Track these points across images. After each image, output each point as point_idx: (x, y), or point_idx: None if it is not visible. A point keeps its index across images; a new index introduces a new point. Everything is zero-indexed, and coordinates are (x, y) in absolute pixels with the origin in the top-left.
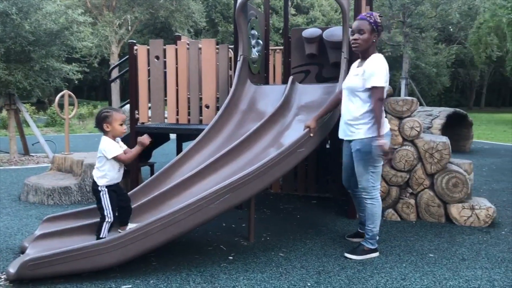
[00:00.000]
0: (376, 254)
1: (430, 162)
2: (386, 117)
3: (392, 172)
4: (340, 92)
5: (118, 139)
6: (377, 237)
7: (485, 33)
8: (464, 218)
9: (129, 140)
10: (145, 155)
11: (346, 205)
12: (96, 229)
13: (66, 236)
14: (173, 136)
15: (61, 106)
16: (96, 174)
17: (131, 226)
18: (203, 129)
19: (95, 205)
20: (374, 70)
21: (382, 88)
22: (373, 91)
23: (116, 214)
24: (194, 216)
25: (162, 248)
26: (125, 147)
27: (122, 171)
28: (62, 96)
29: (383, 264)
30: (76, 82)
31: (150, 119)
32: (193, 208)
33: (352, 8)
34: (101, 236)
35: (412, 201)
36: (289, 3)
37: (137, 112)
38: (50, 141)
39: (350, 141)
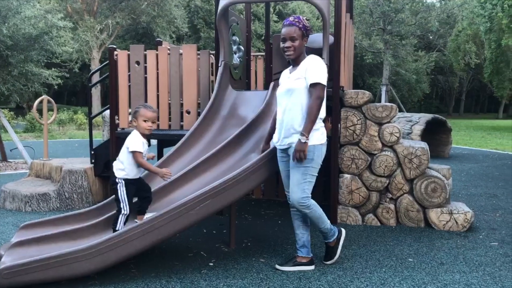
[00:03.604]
0: (343, 235)
1: (409, 168)
2: (327, 123)
3: (372, 178)
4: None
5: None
6: (332, 226)
7: (464, 41)
8: (443, 223)
9: (108, 147)
10: None
11: (327, 210)
12: (112, 221)
13: (43, 243)
14: (154, 141)
15: (40, 111)
16: (116, 165)
17: (148, 215)
18: (184, 135)
19: (73, 212)
20: (315, 68)
21: (323, 86)
22: (314, 88)
23: (135, 202)
24: (174, 223)
25: (142, 255)
26: (147, 150)
27: (140, 169)
28: (41, 102)
29: (363, 269)
30: (56, 87)
31: (130, 125)
32: (173, 214)
33: (333, 15)
34: (117, 228)
35: (392, 206)
36: (271, 10)
37: (117, 117)
38: (28, 147)
39: (287, 148)
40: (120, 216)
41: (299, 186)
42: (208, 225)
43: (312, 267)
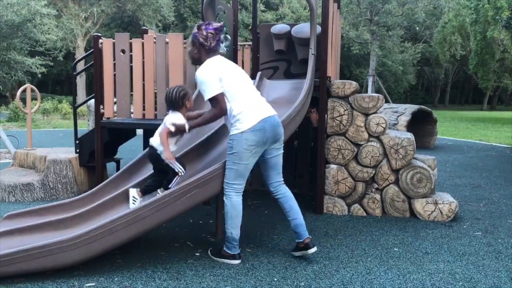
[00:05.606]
0: (234, 262)
1: (395, 158)
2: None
3: (358, 168)
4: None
5: None
6: (235, 243)
7: (450, 32)
8: (428, 213)
9: (93, 136)
10: (110, 151)
11: (314, 201)
12: (164, 184)
13: (27, 233)
14: (139, 131)
15: (23, 100)
16: (156, 139)
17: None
18: None
19: (58, 202)
20: (199, 84)
21: (214, 98)
22: (209, 103)
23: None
24: (160, 213)
25: (128, 245)
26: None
27: (178, 145)
28: (24, 91)
29: (349, 259)
30: (40, 76)
31: (115, 114)
32: (159, 204)
33: (320, 6)
34: (169, 186)
35: (378, 196)
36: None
37: (102, 107)
38: (12, 136)
39: None
40: (176, 177)
41: (225, 171)
42: (195, 215)
43: (314, 249)
